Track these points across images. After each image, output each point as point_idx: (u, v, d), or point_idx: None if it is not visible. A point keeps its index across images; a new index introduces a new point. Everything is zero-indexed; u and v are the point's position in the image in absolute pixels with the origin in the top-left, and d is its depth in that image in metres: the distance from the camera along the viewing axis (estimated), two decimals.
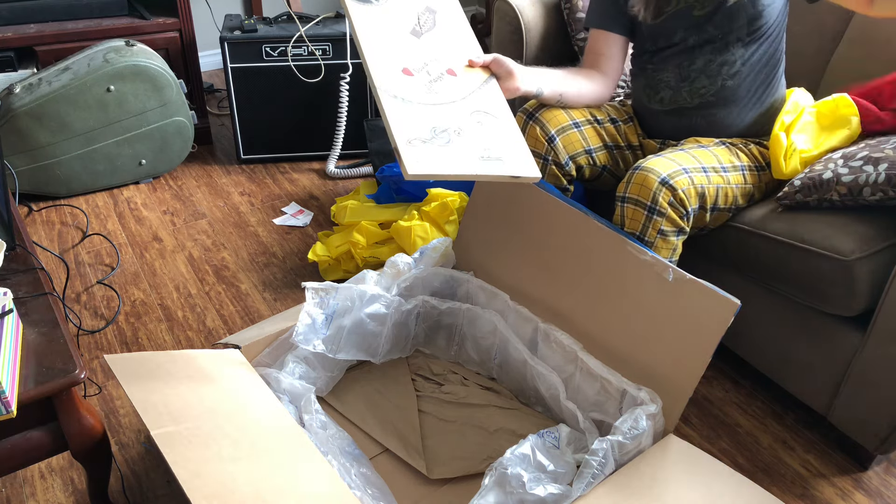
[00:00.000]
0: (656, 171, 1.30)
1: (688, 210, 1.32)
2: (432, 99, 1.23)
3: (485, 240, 1.52)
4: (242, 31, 2.31)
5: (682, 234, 1.35)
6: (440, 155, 1.15)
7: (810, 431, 1.53)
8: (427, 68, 1.27)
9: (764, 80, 1.48)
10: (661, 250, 1.35)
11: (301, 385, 1.30)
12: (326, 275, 1.95)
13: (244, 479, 1.00)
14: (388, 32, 1.28)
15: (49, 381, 1.04)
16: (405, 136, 1.14)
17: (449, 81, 1.28)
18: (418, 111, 1.19)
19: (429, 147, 1.15)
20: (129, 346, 1.73)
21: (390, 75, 1.22)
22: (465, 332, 1.53)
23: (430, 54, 1.30)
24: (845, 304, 1.31)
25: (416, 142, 1.14)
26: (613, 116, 1.57)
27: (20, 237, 1.33)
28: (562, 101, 1.49)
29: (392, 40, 1.27)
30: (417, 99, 1.21)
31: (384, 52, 1.24)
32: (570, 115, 1.50)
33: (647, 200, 1.31)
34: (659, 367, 1.22)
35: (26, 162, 2.18)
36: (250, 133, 2.48)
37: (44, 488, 1.38)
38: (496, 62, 1.34)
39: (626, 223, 1.34)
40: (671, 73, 1.51)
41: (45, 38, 2.27)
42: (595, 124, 1.52)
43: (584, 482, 1.08)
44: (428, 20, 1.33)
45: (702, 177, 1.35)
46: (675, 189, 1.30)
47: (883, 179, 1.27)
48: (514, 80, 1.34)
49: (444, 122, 1.21)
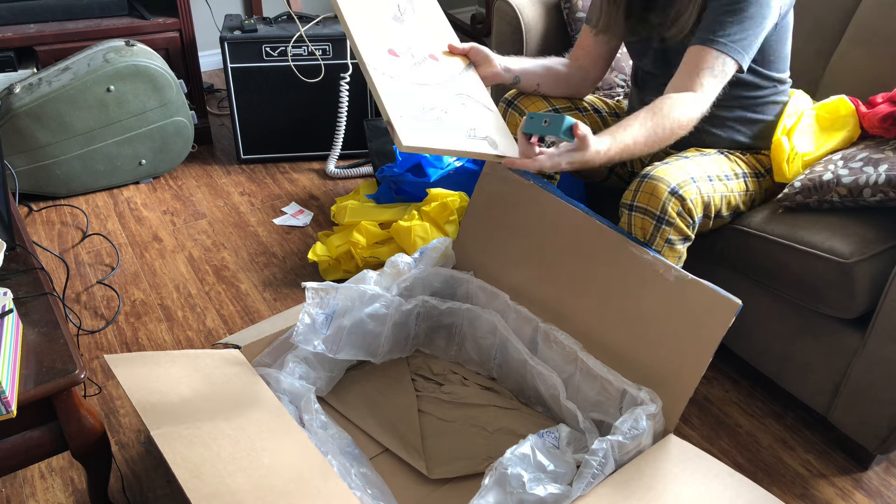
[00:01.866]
0: (666, 181, 1.29)
1: (695, 219, 1.32)
2: (419, 79, 1.27)
3: (485, 240, 1.52)
4: (242, 31, 2.31)
5: (688, 241, 1.35)
6: (431, 130, 1.19)
7: (810, 431, 1.53)
8: (411, 51, 1.31)
9: (751, 105, 1.46)
10: (668, 258, 1.34)
11: (301, 385, 1.30)
12: (326, 275, 1.95)
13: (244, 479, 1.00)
14: (372, 16, 1.31)
15: (49, 381, 1.04)
16: (397, 111, 1.17)
17: (431, 65, 1.32)
18: (407, 89, 1.23)
19: (420, 122, 1.18)
20: (129, 346, 1.73)
21: (379, 54, 1.25)
22: (465, 332, 1.53)
23: (412, 39, 1.34)
24: (845, 306, 1.31)
25: (407, 117, 1.18)
26: (598, 107, 1.58)
27: (20, 237, 1.33)
28: (538, 91, 1.52)
29: (376, 23, 1.30)
30: (405, 78, 1.25)
31: (371, 34, 1.27)
32: (549, 102, 1.52)
33: (657, 210, 1.29)
34: (659, 367, 1.22)
35: (26, 162, 2.18)
36: (250, 133, 2.48)
37: (44, 488, 1.38)
38: (474, 49, 1.40)
39: (636, 232, 1.33)
40: (652, 93, 1.50)
41: (45, 38, 2.26)
42: (576, 111, 1.55)
43: (584, 482, 1.08)
44: (407, 8, 1.38)
45: (708, 186, 1.34)
46: (683, 199, 1.29)
47: (883, 180, 1.27)
48: (491, 66, 1.40)
49: (431, 101, 1.24)
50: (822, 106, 1.50)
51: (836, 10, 1.68)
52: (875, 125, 1.44)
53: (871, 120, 1.45)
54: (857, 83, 1.60)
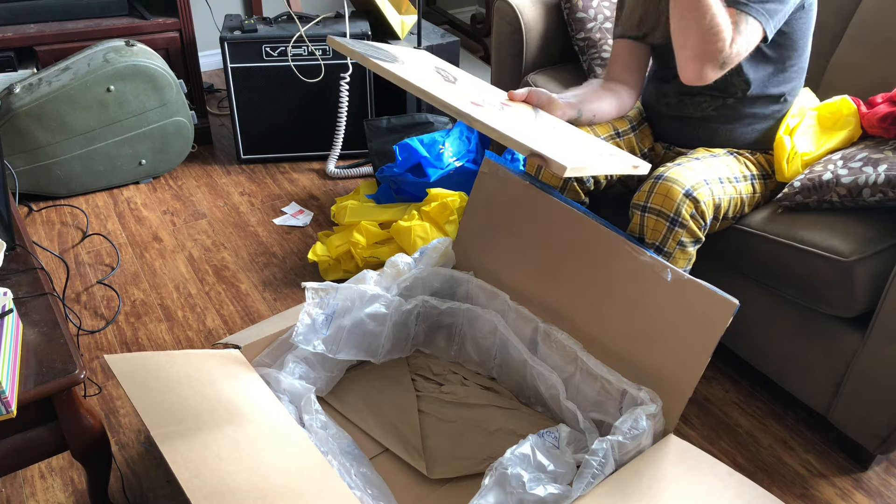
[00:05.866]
0: (680, 183, 1.29)
1: (706, 221, 1.32)
2: (512, 121, 1.19)
3: (485, 240, 1.52)
4: (242, 31, 2.31)
5: (698, 244, 1.35)
6: (572, 153, 1.12)
7: (810, 431, 1.53)
8: (486, 101, 1.24)
9: (769, 100, 1.46)
10: (679, 261, 1.34)
11: (301, 385, 1.30)
12: (326, 275, 1.95)
13: (244, 479, 1.00)
14: (431, 80, 1.23)
15: (49, 381, 1.04)
16: (533, 143, 1.08)
17: (511, 111, 1.25)
18: (514, 130, 1.14)
19: (557, 149, 1.11)
20: (129, 346, 1.73)
21: (467, 105, 1.16)
22: (465, 332, 1.53)
23: (476, 94, 1.27)
24: (845, 305, 1.31)
25: (544, 146, 1.10)
26: (633, 123, 1.56)
27: (20, 237, 1.33)
28: (594, 121, 1.50)
29: (439, 84, 1.22)
30: (502, 123, 1.16)
31: (446, 92, 1.18)
32: (594, 131, 1.49)
33: (671, 212, 1.29)
34: (659, 367, 1.22)
35: (26, 162, 2.18)
36: (250, 133, 2.49)
37: (44, 488, 1.38)
38: (535, 94, 1.36)
39: (647, 233, 1.33)
40: (674, 86, 1.51)
41: (45, 38, 2.27)
42: (616, 137, 1.51)
43: (584, 482, 1.08)
44: (448, 75, 1.32)
45: (719, 188, 1.34)
46: (697, 201, 1.29)
47: (882, 180, 1.27)
48: (558, 107, 1.37)
49: (542, 135, 1.17)
50: (824, 106, 1.50)
51: (836, 10, 1.68)
52: (874, 125, 1.44)
53: (870, 120, 1.45)
54: (857, 83, 1.60)
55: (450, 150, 2.04)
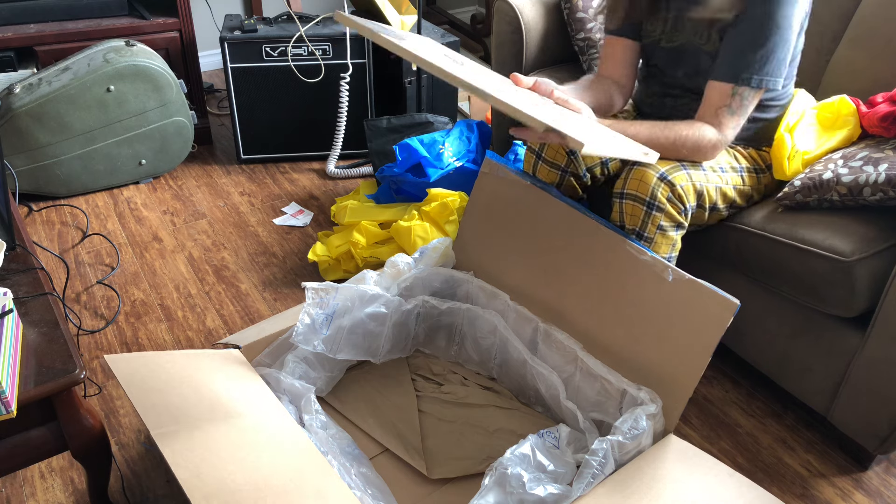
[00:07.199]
0: (655, 167, 1.31)
1: (686, 206, 1.32)
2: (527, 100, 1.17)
3: (485, 240, 1.52)
4: (242, 31, 2.31)
5: (681, 228, 1.35)
6: (590, 134, 1.11)
7: (810, 431, 1.53)
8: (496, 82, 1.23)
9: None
10: (661, 246, 1.35)
11: (301, 385, 1.30)
12: (326, 275, 1.95)
13: (244, 479, 1.00)
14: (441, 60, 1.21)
15: (49, 381, 1.04)
16: (549, 120, 1.06)
17: (523, 93, 1.23)
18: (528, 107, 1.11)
19: (573, 128, 1.09)
20: (129, 346, 1.73)
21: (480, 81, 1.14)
22: (465, 332, 1.53)
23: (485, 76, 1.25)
24: (845, 304, 1.31)
25: (561, 124, 1.08)
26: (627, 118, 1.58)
27: (20, 237, 1.33)
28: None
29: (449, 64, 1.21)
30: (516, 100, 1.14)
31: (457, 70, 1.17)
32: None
33: (646, 196, 1.31)
34: (659, 367, 1.22)
35: (26, 162, 2.18)
36: (250, 133, 2.48)
37: (44, 488, 1.38)
38: (540, 83, 1.34)
39: (626, 219, 1.35)
40: (656, 86, 1.53)
41: (45, 38, 2.26)
42: None
43: (584, 482, 1.08)
44: (456, 58, 1.31)
45: (700, 175, 1.35)
46: (673, 185, 1.30)
47: (883, 179, 1.27)
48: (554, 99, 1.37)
49: (555, 115, 1.15)
50: (823, 105, 1.51)
51: (836, 10, 1.68)
52: (875, 125, 1.44)
53: (870, 119, 1.45)
54: (857, 83, 1.60)
55: (450, 150, 2.04)
